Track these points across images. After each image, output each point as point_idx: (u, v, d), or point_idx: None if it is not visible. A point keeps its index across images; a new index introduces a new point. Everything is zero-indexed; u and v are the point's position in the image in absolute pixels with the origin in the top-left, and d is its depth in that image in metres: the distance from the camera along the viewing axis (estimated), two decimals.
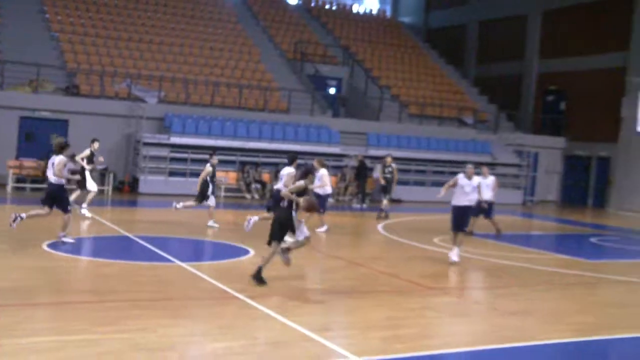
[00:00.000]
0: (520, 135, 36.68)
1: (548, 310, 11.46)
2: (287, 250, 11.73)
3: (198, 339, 8.35)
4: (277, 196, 13.61)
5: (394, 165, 23.28)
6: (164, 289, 10.91)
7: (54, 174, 13.96)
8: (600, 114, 36.03)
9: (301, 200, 11.34)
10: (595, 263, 17.08)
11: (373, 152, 30.43)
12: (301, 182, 11.71)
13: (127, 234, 16.48)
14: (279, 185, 14.93)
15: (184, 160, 27.60)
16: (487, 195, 19.34)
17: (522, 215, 28.93)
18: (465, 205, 15.19)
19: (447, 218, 15.72)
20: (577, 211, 32.50)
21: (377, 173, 29.04)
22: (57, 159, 14.00)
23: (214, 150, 21.55)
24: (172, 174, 27.46)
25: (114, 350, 7.48)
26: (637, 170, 33.52)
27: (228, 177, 27.94)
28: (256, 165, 28.48)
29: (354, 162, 29.49)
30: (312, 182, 13.11)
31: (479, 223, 20.19)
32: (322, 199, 18.34)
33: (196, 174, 27.37)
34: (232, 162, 28.41)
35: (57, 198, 14.03)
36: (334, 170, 29.85)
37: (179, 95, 30.08)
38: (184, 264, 12.86)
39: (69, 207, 14.21)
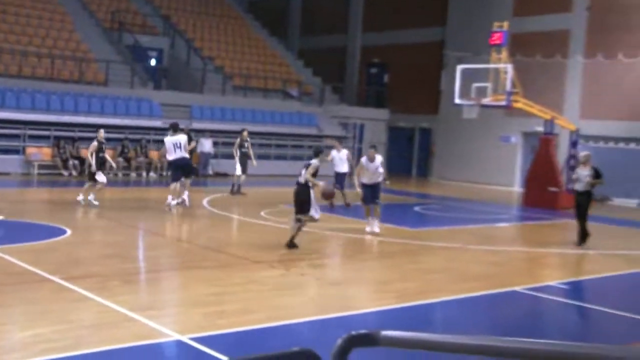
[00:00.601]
0: (345, 108, 36.87)
1: (372, 279, 11.78)
2: (299, 221, 13.11)
3: (4, 328, 7.61)
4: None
5: (249, 139, 22.55)
6: None
7: None
8: (421, 86, 36.87)
9: (320, 185, 12.79)
10: (419, 231, 17.48)
11: (197, 125, 29.34)
12: (315, 162, 12.81)
13: None
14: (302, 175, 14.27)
15: None
16: (342, 168, 20.59)
17: (348, 187, 29.00)
18: (375, 182, 16.10)
19: (274, 191, 15.40)
20: (401, 181, 33.06)
21: (203, 147, 28.21)
22: None
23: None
24: None
25: None
26: (456, 141, 34.59)
27: (42, 153, 25.94)
28: (73, 140, 26.62)
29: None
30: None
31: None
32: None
33: (4, 151, 25.36)
34: (46, 138, 26.40)
35: None
36: (156, 145, 28.54)
37: None
38: None
39: None
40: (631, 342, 8.66)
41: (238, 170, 22.08)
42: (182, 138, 17.79)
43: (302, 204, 13.14)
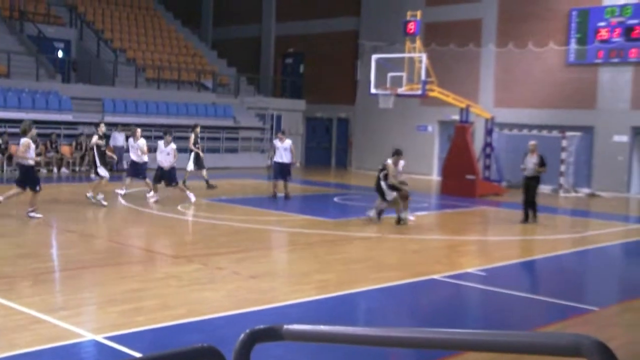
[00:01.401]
0: (262, 99, 36.55)
1: (291, 271, 11.70)
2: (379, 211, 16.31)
3: None
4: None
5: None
6: None
7: None
8: (337, 76, 36.85)
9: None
10: (338, 222, 17.46)
11: (109, 118, 28.51)
12: (388, 162, 15.53)
13: None
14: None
15: None
16: (285, 158, 20.73)
17: (267, 178, 28.78)
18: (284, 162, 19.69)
19: (191, 184, 14.98)
20: (321, 172, 33.05)
21: (116, 141, 27.45)
22: None
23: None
24: None
25: None
26: (374, 130, 34.72)
27: None
28: None
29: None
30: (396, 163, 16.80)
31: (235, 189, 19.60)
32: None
33: None
34: None
35: None
36: (68, 139, 27.66)
37: None
38: None
39: None
40: (546, 324, 8.82)
41: (190, 165, 21.82)
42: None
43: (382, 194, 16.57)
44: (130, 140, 19.31)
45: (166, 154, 18.64)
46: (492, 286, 10.92)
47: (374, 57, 25.18)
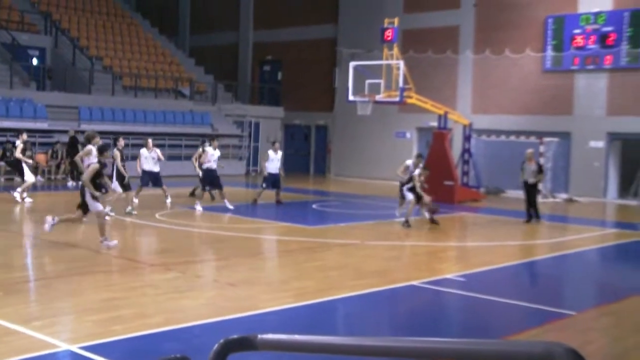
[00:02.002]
0: (240, 106, 36.44)
1: (270, 278, 11.66)
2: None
3: None
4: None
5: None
6: None
7: None
8: (315, 83, 36.83)
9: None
10: (316, 229, 17.44)
11: (85, 126, 28.27)
12: (416, 172, 17.38)
13: None
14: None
15: None
16: (276, 168, 21.32)
17: (247, 186, 28.70)
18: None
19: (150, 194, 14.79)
20: (299, 179, 32.96)
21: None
22: None
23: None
24: None
25: None
26: (352, 137, 34.73)
27: None
28: None
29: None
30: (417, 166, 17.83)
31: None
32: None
33: None
34: None
35: None
36: (44, 147, 27.39)
37: None
38: None
39: None
40: (525, 330, 8.81)
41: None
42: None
43: (418, 198, 17.72)
44: (143, 150, 19.46)
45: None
46: (471, 292, 10.91)
47: (352, 64, 25.19)
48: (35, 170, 26.54)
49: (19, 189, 19.57)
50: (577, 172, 27.90)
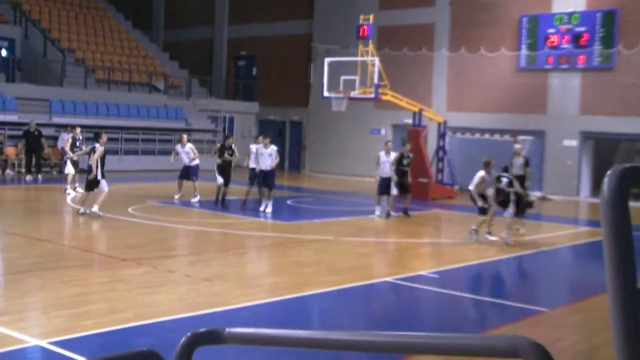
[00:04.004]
0: (214, 101, 36.24)
1: (242, 274, 11.58)
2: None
3: None
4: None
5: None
6: None
7: None
8: (290, 79, 36.72)
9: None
10: (290, 224, 17.34)
11: (57, 120, 27.99)
12: (479, 173, 15.23)
13: None
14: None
15: None
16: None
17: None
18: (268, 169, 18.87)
19: (142, 187, 14.87)
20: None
21: (62, 143, 26.89)
22: None
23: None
24: None
25: None
26: (327, 133, 34.69)
27: None
28: None
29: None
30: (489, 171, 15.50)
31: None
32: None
33: None
34: None
35: None
36: (13, 140, 27.02)
37: None
38: None
39: None
40: (498, 326, 8.85)
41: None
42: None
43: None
44: (178, 146, 20.58)
45: (268, 156, 19.16)
46: (444, 288, 10.91)
47: (327, 60, 25.14)
48: (5, 163, 26.24)
49: None
50: (551, 171, 28.06)
